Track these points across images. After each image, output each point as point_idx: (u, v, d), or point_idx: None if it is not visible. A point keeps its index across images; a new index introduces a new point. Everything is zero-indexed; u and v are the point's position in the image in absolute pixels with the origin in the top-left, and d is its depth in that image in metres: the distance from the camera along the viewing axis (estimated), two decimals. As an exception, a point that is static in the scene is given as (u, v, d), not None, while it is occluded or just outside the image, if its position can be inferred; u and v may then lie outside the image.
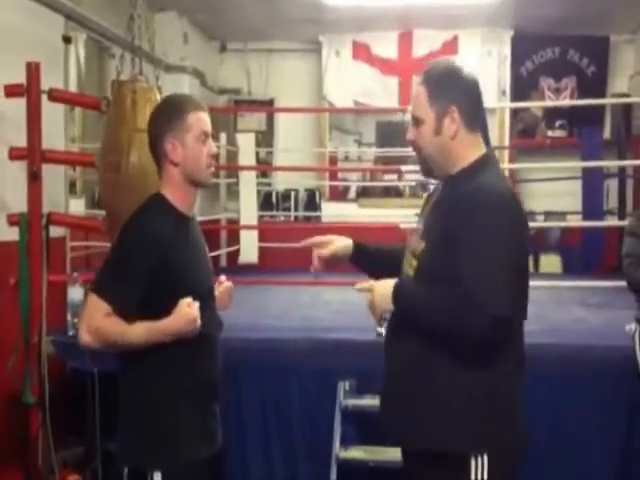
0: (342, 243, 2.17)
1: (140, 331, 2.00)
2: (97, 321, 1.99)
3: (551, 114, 7.95)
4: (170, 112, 2.13)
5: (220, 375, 2.20)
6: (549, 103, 7.99)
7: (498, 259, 1.77)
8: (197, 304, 1.99)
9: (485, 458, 1.85)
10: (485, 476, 1.85)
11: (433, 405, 1.88)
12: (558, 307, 4.86)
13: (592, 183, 6.63)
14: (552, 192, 7.37)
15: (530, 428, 1.97)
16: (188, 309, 1.97)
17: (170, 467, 2.06)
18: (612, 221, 6.66)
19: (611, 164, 6.72)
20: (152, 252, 2.01)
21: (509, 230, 1.81)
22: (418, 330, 1.87)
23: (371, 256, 2.21)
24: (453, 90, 1.91)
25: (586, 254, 6.67)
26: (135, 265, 2.02)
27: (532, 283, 1.92)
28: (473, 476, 1.85)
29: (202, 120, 2.13)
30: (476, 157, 1.93)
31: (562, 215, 7.42)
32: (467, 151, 1.92)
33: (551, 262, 7.69)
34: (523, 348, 1.96)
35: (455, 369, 1.85)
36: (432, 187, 2.15)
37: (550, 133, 7.94)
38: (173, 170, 2.12)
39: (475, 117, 1.94)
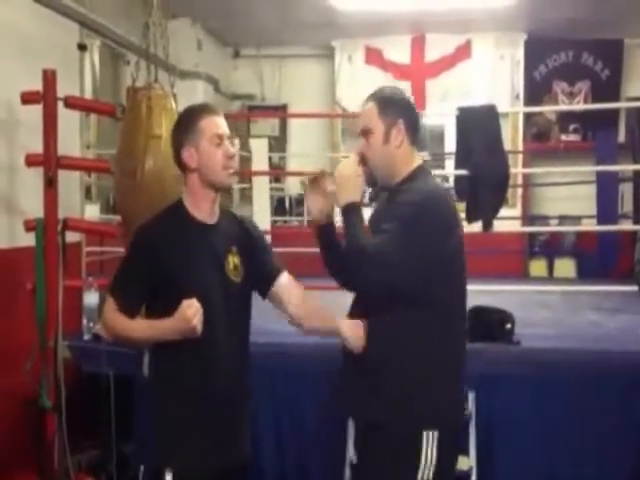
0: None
1: (143, 327, 2.13)
2: (107, 316, 2.15)
3: (565, 118, 7.92)
4: (184, 122, 2.17)
5: (234, 387, 2.18)
6: (563, 107, 7.97)
7: (404, 241, 2.00)
8: (197, 305, 1.99)
9: (436, 434, 2.02)
10: (434, 452, 2.02)
11: (390, 382, 2.07)
12: (573, 312, 4.84)
13: (607, 187, 6.60)
14: (566, 196, 7.34)
15: (544, 431, 1.98)
16: (187, 309, 1.98)
17: (182, 467, 2.09)
18: (627, 225, 6.63)
19: (626, 168, 6.68)
20: (147, 257, 2.10)
21: (432, 225, 2.03)
22: (384, 305, 2.06)
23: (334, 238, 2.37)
24: (400, 107, 2.19)
25: (601, 258, 6.63)
26: (132, 268, 2.15)
27: (546, 288, 1.96)
28: (424, 451, 2.01)
29: (215, 123, 2.14)
30: (414, 167, 2.20)
31: (577, 219, 7.38)
32: (408, 161, 2.19)
33: (565, 266, 7.66)
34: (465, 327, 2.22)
35: (417, 345, 2.06)
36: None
37: (564, 137, 7.92)
38: (192, 177, 2.16)
39: (416, 133, 2.21)
